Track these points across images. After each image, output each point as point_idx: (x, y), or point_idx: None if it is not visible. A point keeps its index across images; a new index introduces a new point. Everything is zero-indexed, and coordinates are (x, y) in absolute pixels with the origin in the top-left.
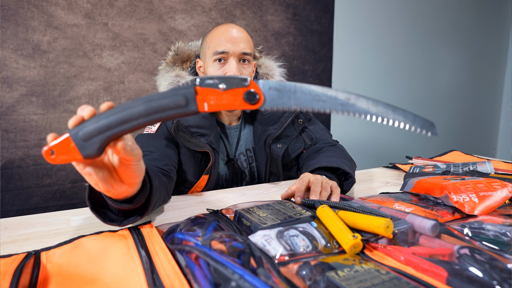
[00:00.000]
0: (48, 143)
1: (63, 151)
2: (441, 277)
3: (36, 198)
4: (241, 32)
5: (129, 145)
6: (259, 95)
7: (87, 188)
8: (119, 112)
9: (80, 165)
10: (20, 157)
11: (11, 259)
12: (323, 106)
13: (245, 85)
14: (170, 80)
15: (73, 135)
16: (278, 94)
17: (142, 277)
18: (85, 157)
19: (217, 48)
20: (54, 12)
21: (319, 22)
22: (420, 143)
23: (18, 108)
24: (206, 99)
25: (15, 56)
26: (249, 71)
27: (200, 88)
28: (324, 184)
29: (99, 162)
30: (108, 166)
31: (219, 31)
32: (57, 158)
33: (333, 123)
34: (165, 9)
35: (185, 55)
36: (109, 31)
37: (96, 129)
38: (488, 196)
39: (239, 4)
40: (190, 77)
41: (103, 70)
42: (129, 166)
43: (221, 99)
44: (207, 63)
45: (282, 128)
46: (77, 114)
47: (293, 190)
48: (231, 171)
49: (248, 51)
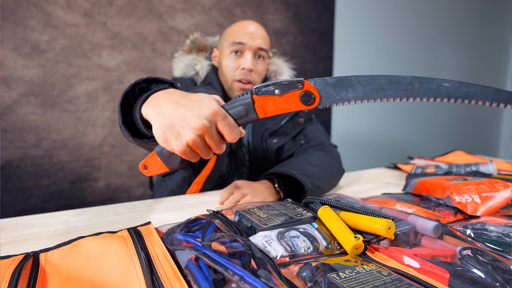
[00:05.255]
0: (146, 159)
1: (153, 165)
2: (443, 279)
3: (34, 198)
4: (260, 29)
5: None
6: (314, 94)
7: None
8: None
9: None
10: (19, 158)
11: (10, 260)
12: (385, 94)
13: (300, 87)
14: (187, 62)
15: (158, 152)
16: (335, 90)
17: (141, 278)
18: (170, 169)
19: (235, 39)
20: (52, 11)
21: (320, 21)
22: (422, 143)
23: (17, 108)
24: (264, 105)
25: (14, 56)
26: (263, 67)
27: (257, 97)
28: (235, 196)
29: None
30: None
31: (239, 24)
32: (149, 171)
33: (333, 123)
34: (165, 8)
35: (201, 44)
36: (108, 30)
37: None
38: (491, 197)
39: (239, 3)
40: (206, 61)
41: (102, 70)
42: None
43: (279, 104)
44: (223, 54)
45: (280, 124)
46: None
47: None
48: (233, 163)
49: (265, 47)
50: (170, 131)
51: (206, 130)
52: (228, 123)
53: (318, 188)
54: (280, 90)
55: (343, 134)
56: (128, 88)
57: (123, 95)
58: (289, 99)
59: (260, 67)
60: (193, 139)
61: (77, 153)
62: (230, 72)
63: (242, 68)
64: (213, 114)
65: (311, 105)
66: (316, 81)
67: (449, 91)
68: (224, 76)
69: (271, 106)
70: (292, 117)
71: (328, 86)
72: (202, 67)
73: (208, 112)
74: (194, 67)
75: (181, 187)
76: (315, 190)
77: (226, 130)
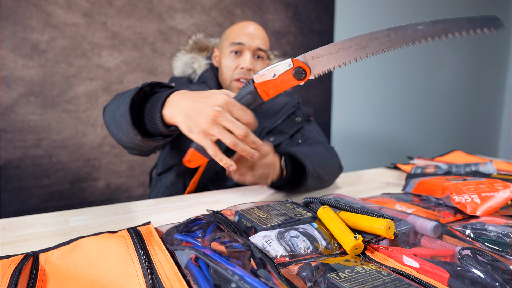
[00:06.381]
0: (186, 155)
1: (194, 158)
2: (442, 279)
3: (34, 198)
4: (259, 30)
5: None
6: (304, 69)
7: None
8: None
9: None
10: (19, 158)
11: (9, 261)
12: (366, 52)
13: (291, 66)
14: (186, 61)
15: (195, 147)
16: (322, 60)
17: (141, 278)
18: (209, 159)
19: (235, 39)
20: (52, 11)
21: (320, 22)
22: (422, 143)
23: (17, 108)
24: (266, 89)
25: (14, 56)
26: (262, 67)
27: (258, 84)
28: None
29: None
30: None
31: (239, 25)
32: (192, 164)
33: (333, 122)
34: (165, 8)
35: (203, 45)
36: (108, 30)
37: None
38: (490, 197)
39: (239, 3)
40: (204, 60)
41: (102, 70)
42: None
43: (277, 85)
44: (223, 54)
45: (277, 122)
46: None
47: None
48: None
49: (263, 48)
50: (192, 122)
51: (220, 115)
52: (240, 108)
53: (319, 176)
54: (275, 73)
55: (343, 133)
56: (135, 92)
57: (131, 99)
58: (285, 78)
59: (259, 67)
60: (209, 125)
61: (77, 153)
62: (229, 71)
63: (241, 67)
64: (224, 102)
65: (305, 78)
66: (303, 56)
67: (424, 32)
68: (223, 75)
69: (271, 88)
70: (289, 116)
71: (315, 58)
72: (199, 66)
73: (219, 101)
74: (192, 65)
75: (175, 183)
76: (315, 178)
77: (239, 113)
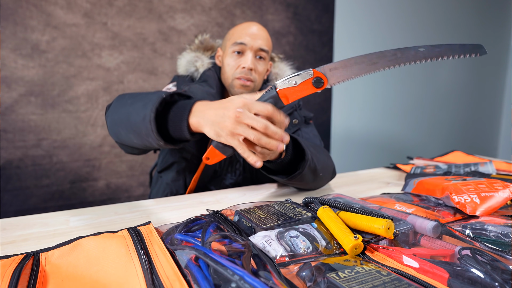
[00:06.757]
0: (206, 153)
1: (213, 155)
2: (442, 278)
3: (34, 198)
4: (261, 31)
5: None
6: (323, 79)
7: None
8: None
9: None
10: (19, 158)
11: (10, 260)
12: (377, 67)
13: (311, 75)
14: (189, 59)
15: (215, 145)
16: (338, 72)
17: (141, 278)
18: (227, 156)
19: (237, 39)
20: (53, 11)
21: (320, 22)
22: (421, 143)
23: (17, 108)
24: (286, 95)
25: (14, 56)
26: (264, 67)
27: (280, 90)
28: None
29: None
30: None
31: (242, 26)
32: (210, 161)
33: (333, 122)
34: (165, 9)
35: (209, 45)
36: (108, 30)
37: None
38: (490, 197)
39: (239, 4)
40: (207, 59)
41: (102, 70)
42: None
43: (297, 91)
44: (226, 53)
45: None
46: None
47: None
48: (227, 160)
49: (265, 48)
50: (218, 127)
51: (241, 115)
52: (257, 103)
53: (315, 169)
54: (296, 81)
55: (342, 133)
56: (158, 101)
57: (155, 109)
58: (305, 86)
59: (261, 67)
60: (234, 126)
61: (77, 153)
62: (231, 70)
63: (243, 67)
64: (242, 103)
65: (322, 87)
66: (322, 68)
67: (424, 54)
68: (225, 74)
69: (292, 94)
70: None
71: (332, 70)
72: (202, 64)
73: (238, 103)
74: (195, 64)
75: (176, 180)
76: (312, 169)
77: (258, 108)
